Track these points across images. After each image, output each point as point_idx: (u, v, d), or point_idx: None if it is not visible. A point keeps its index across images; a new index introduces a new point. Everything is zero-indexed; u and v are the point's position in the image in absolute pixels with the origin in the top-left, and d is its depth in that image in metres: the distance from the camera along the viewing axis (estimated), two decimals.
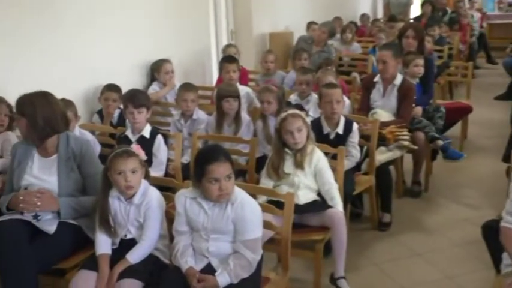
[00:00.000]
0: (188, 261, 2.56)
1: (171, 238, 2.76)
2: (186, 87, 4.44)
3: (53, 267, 2.81)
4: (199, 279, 2.48)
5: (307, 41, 7.13)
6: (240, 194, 2.57)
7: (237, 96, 4.19)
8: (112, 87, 4.52)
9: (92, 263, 2.67)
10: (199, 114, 4.42)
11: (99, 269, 2.63)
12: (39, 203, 2.83)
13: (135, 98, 3.71)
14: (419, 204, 4.65)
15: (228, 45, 6.37)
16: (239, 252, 2.53)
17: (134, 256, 2.66)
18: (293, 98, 4.83)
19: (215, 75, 6.69)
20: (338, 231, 3.14)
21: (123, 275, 2.59)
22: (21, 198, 2.83)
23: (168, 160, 3.81)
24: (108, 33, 4.81)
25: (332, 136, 3.82)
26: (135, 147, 2.77)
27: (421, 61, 4.86)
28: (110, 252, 2.71)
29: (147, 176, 2.80)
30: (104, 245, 2.71)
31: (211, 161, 2.49)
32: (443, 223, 4.28)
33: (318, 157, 3.30)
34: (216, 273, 2.49)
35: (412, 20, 10.22)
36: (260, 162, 3.82)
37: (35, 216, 2.85)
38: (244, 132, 4.18)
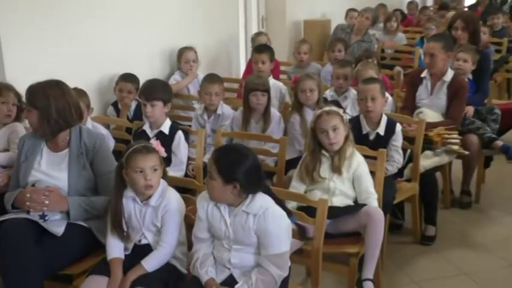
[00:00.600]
0: (209, 272, 2.57)
1: (190, 245, 2.77)
2: (210, 78, 4.45)
3: (60, 272, 2.84)
4: None
5: (346, 29, 7.08)
6: (264, 203, 2.54)
7: (265, 90, 4.18)
8: (127, 78, 4.56)
9: (103, 268, 2.69)
10: (224, 109, 4.43)
11: (112, 273, 2.65)
12: (47, 202, 2.86)
13: (148, 90, 3.74)
14: (469, 217, 4.58)
15: (258, 33, 6.37)
16: (263, 266, 2.52)
17: (151, 263, 2.67)
18: (329, 93, 4.80)
19: (243, 66, 6.71)
20: (374, 227, 3.08)
21: (135, 283, 2.61)
22: (28, 196, 2.86)
23: (188, 159, 3.83)
24: (127, 18, 4.86)
25: (372, 137, 3.79)
26: (155, 143, 2.79)
27: (463, 55, 4.76)
28: (122, 256, 2.73)
29: (164, 175, 2.82)
30: (116, 248, 2.74)
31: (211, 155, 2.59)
32: (496, 239, 4.21)
33: (357, 162, 3.27)
34: (236, 286, 2.50)
35: (466, 9, 10.09)
36: (295, 163, 3.80)
37: (42, 216, 2.88)
38: (274, 130, 4.18)
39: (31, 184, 2.98)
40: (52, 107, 2.92)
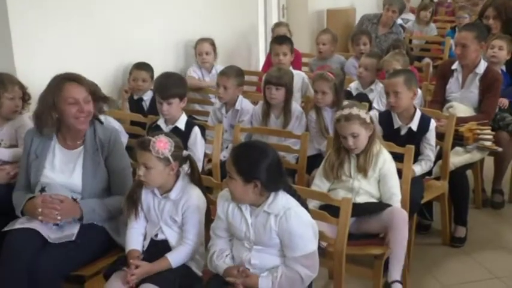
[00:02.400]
0: (226, 262, 2.62)
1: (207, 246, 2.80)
2: (222, 70, 4.49)
3: (72, 273, 2.87)
4: (242, 272, 2.52)
5: (372, 20, 7.02)
6: (286, 203, 2.55)
7: (281, 84, 4.13)
8: (141, 66, 4.61)
9: (124, 262, 2.72)
10: (243, 104, 4.42)
11: (129, 262, 2.68)
12: (59, 218, 2.88)
13: (164, 88, 3.73)
14: (501, 218, 4.55)
15: (278, 24, 6.34)
16: (290, 266, 2.53)
17: (175, 257, 2.71)
18: (353, 86, 4.79)
19: (262, 58, 6.70)
20: (397, 228, 3.08)
21: (146, 279, 2.63)
22: (39, 210, 2.86)
23: (204, 155, 3.84)
24: (140, 9, 4.87)
25: (403, 132, 3.77)
26: (157, 142, 2.73)
27: (499, 42, 4.70)
28: (140, 249, 2.78)
29: (193, 173, 2.84)
30: (135, 241, 2.80)
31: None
32: None
33: (383, 160, 3.25)
34: (261, 275, 2.53)
35: None
36: (313, 161, 3.80)
37: (55, 224, 2.92)
38: (295, 126, 4.17)
39: (40, 188, 2.99)
40: None
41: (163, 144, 2.72)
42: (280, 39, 5.24)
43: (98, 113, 3.12)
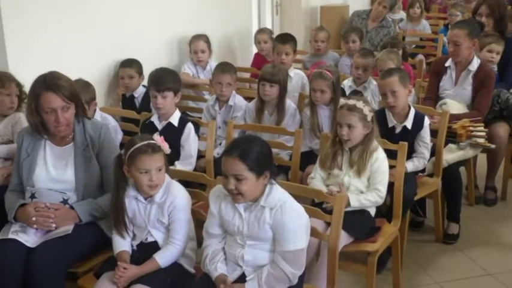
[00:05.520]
0: (218, 268, 2.60)
1: (200, 242, 2.79)
2: (222, 68, 4.44)
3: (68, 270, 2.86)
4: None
5: (362, 15, 7.02)
6: (282, 197, 2.56)
7: (275, 81, 4.13)
8: (125, 63, 4.60)
9: (114, 264, 2.71)
10: (237, 100, 4.42)
11: (118, 263, 2.67)
12: (53, 225, 2.88)
13: (158, 80, 3.71)
14: (494, 214, 4.56)
15: (260, 31, 6.13)
16: (276, 263, 2.53)
17: (164, 258, 2.70)
18: (347, 83, 4.77)
19: None
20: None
21: (137, 280, 2.63)
22: (33, 219, 2.86)
23: (198, 152, 3.83)
24: (133, 6, 4.85)
25: (398, 130, 3.77)
26: (159, 139, 2.74)
27: (497, 47, 4.71)
28: (130, 250, 2.77)
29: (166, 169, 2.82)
30: (122, 243, 2.78)
31: (224, 155, 2.53)
32: None
33: (375, 157, 3.25)
34: (247, 279, 2.54)
35: None
36: (305, 158, 3.80)
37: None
38: (289, 123, 4.17)
39: (30, 194, 2.98)
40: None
41: (164, 142, 2.73)
42: (283, 38, 5.20)
43: (82, 111, 3.07)
